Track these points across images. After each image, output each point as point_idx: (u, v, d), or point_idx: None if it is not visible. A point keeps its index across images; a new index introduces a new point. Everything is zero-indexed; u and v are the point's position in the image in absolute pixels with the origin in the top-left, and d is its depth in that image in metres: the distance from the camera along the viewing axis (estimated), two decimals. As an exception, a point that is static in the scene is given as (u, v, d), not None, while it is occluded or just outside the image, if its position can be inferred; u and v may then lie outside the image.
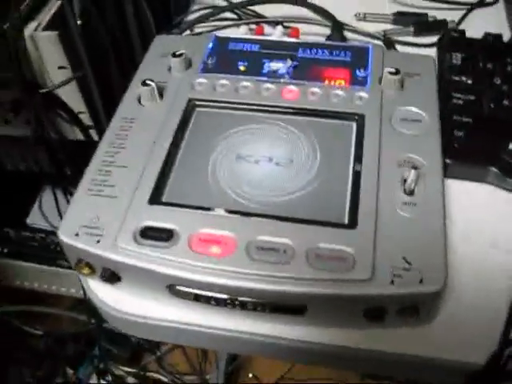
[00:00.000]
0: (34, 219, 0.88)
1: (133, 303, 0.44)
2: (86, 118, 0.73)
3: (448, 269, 0.39)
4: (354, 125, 0.48)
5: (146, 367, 1.07)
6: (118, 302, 0.45)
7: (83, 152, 0.51)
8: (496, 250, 0.45)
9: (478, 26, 0.64)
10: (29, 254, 0.85)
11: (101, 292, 0.45)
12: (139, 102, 0.51)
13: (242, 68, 0.53)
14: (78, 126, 0.66)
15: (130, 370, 1.06)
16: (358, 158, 0.45)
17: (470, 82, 0.54)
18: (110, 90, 0.66)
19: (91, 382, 1.06)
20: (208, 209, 0.42)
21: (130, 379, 1.07)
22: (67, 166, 0.74)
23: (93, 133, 0.68)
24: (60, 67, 0.67)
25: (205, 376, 1.06)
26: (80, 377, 1.06)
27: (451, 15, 0.67)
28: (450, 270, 0.40)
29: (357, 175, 0.44)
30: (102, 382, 1.06)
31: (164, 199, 0.44)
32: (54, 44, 0.64)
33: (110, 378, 1.06)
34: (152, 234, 0.41)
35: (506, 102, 0.52)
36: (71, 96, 0.70)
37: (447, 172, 0.49)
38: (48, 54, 0.65)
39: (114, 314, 0.44)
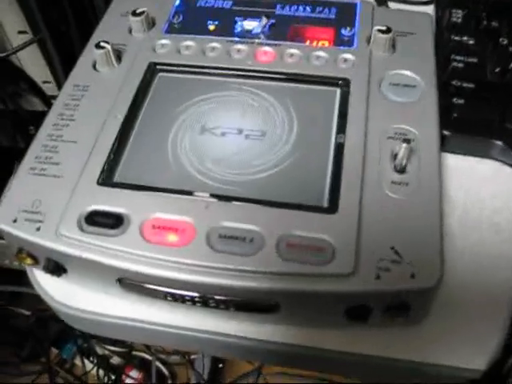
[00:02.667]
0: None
1: (81, 297, 0.39)
2: (52, 88, 0.67)
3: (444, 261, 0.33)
4: (338, 91, 0.41)
5: (132, 346, 1.04)
6: (65, 295, 0.39)
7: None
8: (499, 236, 0.39)
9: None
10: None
11: (46, 284, 0.40)
12: (94, 67, 0.44)
13: (211, 27, 0.46)
14: (38, 97, 0.59)
15: (114, 349, 1.03)
16: (341, 130, 0.39)
17: (472, 42, 0.47)
18: (73, 57, 0.59)
19: (75, 361, 1.04)
20: (164, 190, 0.36)
21: (115, 359, 1.04)
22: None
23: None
24: (20, 32, 0.61)
25: (190, 356, 1.02)
26: (64, 357, 1.04)
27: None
28: (446, 261, 0.34)
29: (339, 150, 0.38)
30: (86, 361, 1.03)
31: (115, 179, 0.38)
32: (9, 5, 0.58)
33: (94, 357, 1.03)
34: (99, 220, 0.36)
35: (512, 66, 0.45)
36: (35, 63, 0.64)
37: (445, 145, 0.43)
38: (4, 16, 0.59)
39: (61, 308, 0.39)
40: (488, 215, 0.41)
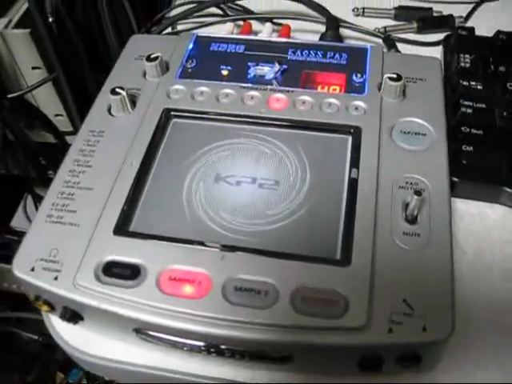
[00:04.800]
0: (19, 222, 0.86)
1: (97, 344, 0.39)
2: (64, 121, 0.68)
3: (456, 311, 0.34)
4: (350, 139, 0.42)
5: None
6: (81, 342, 0.40)
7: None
8: (509, 282, 0.40)
9: (488, 22, 0.58)
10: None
11: (63, 330, 0.40)
12: (109, 112, 0.45)
13: (224, 73, 0.47)
14: (51, 132, 0.60)
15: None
16: (354, 179, 0.39)
17: (480, 87, 0.48)
18: (85, 92, 0.60)
19: (82, 386, 1.02)
20: (180, 241, 0.37)
21: (121, 384, 1.02)
22: (50, 169, 0.70)
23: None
24: (34, 67, 0.62)
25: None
26: (70, 381, 1.01)
27: (458, 10, 0.61)
28: (456, 306, 0.35)
29: (351, 200, 0.38)
30: (92, 386, 1.02)
31: (131, 229, 0.38)
32: (25, 42, 0.59)
33: (100, 383, 1.03)
34: (116, 271, 0.36)
35: (520, 110, 0.45)
36: (48, 98, 0.65)
37: (455, 192, 0.43)
38: (20, 53, 0.61)
39: (77, 354, 0.39)
40: (498, 261, 0.41)
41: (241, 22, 0.58)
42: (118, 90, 0.44)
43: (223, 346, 0.35)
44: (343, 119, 0.43)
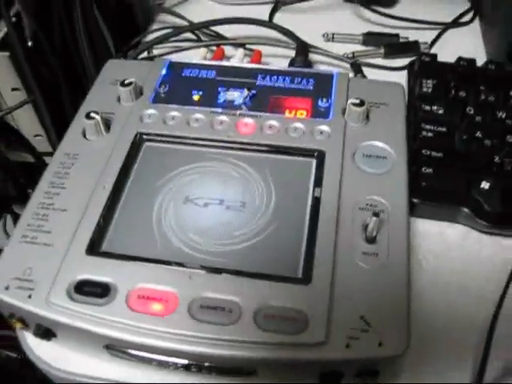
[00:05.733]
0: (-1, 240, 0.85)
1: (70, 360, 0.41)
2: (44, 141, 0.69)
3: (411, 326, 0.36)
4: (314, 162, 0.44)
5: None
6: (54, 358, 0.41)
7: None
8: (467, 297, 0.42)
9: (452, 47, 0.61)
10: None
11: (36, 347, 0.41)
12: (84, 135, 0.47)
13: (195, 98, 0.49)
14: (29, 153, 0.62)
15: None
16: (316, 201, 0.41)
17: (441, 111, 0.50)
18: (64, 114, 0.62)
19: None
20: (150, 260, 0.39)
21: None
22: (29, 187, 0.72)
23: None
24: (14, 89, 0.64)
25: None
26: None
27: (425, 35, 0.63)
28: (416, 322, 0.37)
29: (314, 221, 0.40)
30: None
31: (103, 249, 0.40)
32: (4, 65, 0.61)
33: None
34: (87, 290, 0.38)
35: (479, 134, 0.48)
36: (28, 118, 0.67)
37: (416, 212, 0.46)
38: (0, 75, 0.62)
39: (50, 370, 0.40)
40: (456, 279, 0.43)
41: (215, 47, 0.60)
42: (92, 114, 0.46)
43: (190, 362, 0.36)
44: (308, 143, 0.45)
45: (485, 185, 0.45)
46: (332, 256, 0.38)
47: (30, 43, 0.57)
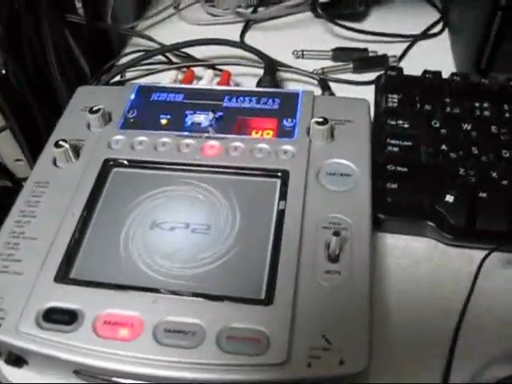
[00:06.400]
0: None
1: (42, 385, 0.41)
2: (24, 165, 0.70)
3: (380, 340, 0.37)
4: (278, 182, 0.45)
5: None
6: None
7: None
8: (433, 312, 0.42)
9: (422, 59, 0.62)
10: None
11: (8, 372, 0.42)
12: (54, 163, 0.47)
13: (163, 122, 0.50)
14: (7, 179, 0.63)
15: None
16: (280, 222, 0.42)
17: (406, 125, 0.51)
18: (40, 140, 0.63)
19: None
20: (116, 286, 0.39)
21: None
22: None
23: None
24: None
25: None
26: None
27: (395, 48, 0.64)
28: (382, 339, 0.38)
29: (277, 241, 0.41)
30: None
31: (71, 276, 0.41)
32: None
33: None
34: (55, 317, 0.38)
35: (444, 147, 0.49)
36: (7, 144, 0.68)
37: (382, 227, 0.46)
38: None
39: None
40: (424, 292, 0.44)
41: (185, 69, 0.61)
42: (61, 142, 0.47)
43: (157, 385, 0.37)
44: (272, 163, 0.46)
45: (449, 198, 0.45)
46: (294, 276, 0.39)
47: (2, 71, 0.58)
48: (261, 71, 0.58)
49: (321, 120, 0.47)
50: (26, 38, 0.57)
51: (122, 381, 0.38)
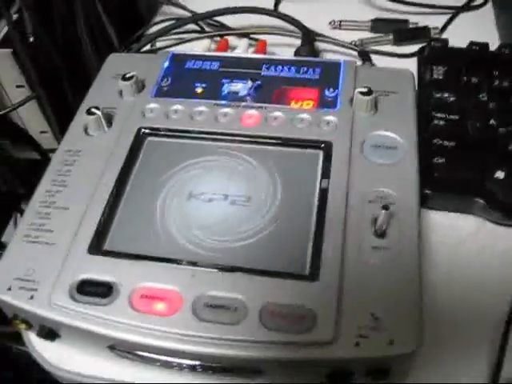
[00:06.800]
0: (10, 237, 0.86)
1: (75, 360, 0.40)
2: (50, 137, 0.69)
3: (425, 323, 0.34)
4: (321, 154, 0.43)
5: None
6: (59, 358, 0.40)
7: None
8: (483, 294, 0.40)
9: (464, 32, 0.59)
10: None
11: (40, 347, 0.41)
12: (86, 131, 0.46)
13: (199, 90, 0.48)
14: (35, 150, 0.61)
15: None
16: (324, 195, 0.40)
17: (453, 99, 0.48)
18: (68, 110, 0.61)
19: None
20: (152, 259, 0.37)
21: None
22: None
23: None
24: (18, 86, 0.63)
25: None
26: None
27: (436, 20, 0.61)
28: (429, 320, 0.36)
29: (321, 215, 0.39)
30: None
31: (105, 247, 0.39)
32: (8, 62, 0.60)
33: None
34: (89, 290, 0.37)
35: (492, 122, 0.46)
36: (33, 115, 0.66)
37: (428, 203, 0.44)
38: (4, 72, 0.61)
39: (55, 371, 0.40)
40: (470, 273, 0.42)
41: (218, 38, 0.58)
42: (93, 109, 0.45)
43: (195, 362, 0.35)
44: (314, 134, 0.44)
45: (499, 174, 0.43)
46: (340, 251, 0.37)
47: (31, 39, 0.56)
48: (296, 42, 0.56)
49: (365, 90, 0.44)
50: (56, 5, 0.54)
51: (159, 357, 0.36)
